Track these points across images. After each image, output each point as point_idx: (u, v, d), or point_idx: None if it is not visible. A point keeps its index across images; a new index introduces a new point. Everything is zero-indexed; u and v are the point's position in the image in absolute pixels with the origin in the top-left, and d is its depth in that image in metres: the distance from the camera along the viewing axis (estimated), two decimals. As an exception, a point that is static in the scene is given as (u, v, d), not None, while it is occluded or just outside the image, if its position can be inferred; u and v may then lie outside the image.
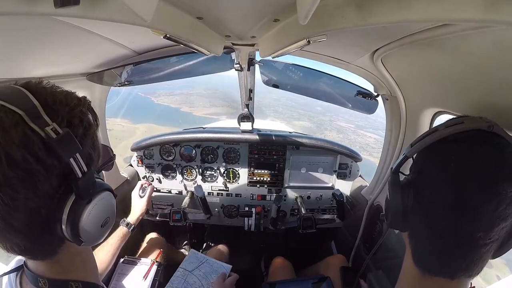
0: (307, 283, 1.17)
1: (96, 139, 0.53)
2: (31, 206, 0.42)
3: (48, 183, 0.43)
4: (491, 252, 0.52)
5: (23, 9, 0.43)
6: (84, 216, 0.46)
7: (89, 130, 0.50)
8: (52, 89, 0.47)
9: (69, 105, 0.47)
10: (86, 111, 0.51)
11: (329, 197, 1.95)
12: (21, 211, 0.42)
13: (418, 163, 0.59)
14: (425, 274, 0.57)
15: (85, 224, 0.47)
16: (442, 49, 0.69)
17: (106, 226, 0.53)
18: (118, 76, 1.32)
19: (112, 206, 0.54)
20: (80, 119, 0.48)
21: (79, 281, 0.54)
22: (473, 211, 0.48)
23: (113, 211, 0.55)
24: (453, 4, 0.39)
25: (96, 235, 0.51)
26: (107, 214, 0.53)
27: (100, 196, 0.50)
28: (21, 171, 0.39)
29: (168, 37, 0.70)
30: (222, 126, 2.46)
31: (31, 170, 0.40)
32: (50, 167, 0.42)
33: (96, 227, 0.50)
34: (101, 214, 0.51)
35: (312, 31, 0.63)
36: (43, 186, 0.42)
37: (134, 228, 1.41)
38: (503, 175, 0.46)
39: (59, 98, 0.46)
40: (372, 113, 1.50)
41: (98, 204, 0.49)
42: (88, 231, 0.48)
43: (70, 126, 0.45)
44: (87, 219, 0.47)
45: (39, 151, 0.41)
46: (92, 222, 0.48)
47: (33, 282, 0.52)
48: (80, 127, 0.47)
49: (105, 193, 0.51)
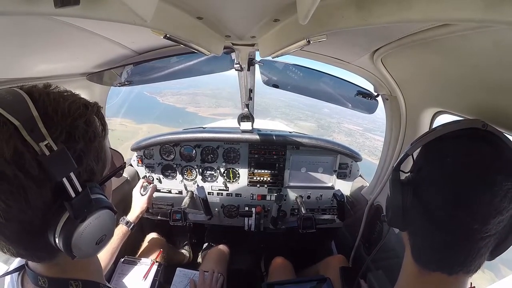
0: (308, 284, 1.17)
1: (101, 151, 0.51)
2: (24, 219, 0.41)
3: (41, 198, 0.41)
4: (488, 248, 0.53)
5: (23, 9, 0.43)
6: (77, 235, 0.44)
7: (92, 142, 0.48)
8: (56, 96, 0.45)
9: (72, 116, 0.44)
10: (93, 119, 0.49)
11: (329, 197, 1.95)
12: (14, 222, 0.41)
13: (418, 161, 0.61)
14: (423, 270, 0.58)
15: (78, 242, 0.45)
16: (442, 49, 0.69)
17: (101, 243, 0.51)
18: (118, 76, 1.32)
19: (110, 224, 0.51)
20: (83, 131, 0.46)
21: (79, 279, 0.53)
22: (469, 203, 0.50)
23: (110, 229, 0.52)
24: (453, 4, 0.39)
25: (90, 251, 0.49)
26: (102, 232, 0.49)
27: (96, 215, 0.47)
28: (11, 186, 0.38)
29: (168, 37, 0.70)
30: (222, 126, 2.46)
31: (22, 185, 0.39)
32: (42, 184, 0.41)
33: (90, 245, 0.48)
34: (97, 232, 0.48)
35: (312, 31, 0.63)
36: (35, 201, 0.41)
37: (134, 227, 1.41)
38: (497, 168, 0.49)
39: (61, 107, 0.44)
40: (372, 113, 1.50)
41: (93, 223, 0.46)
42: (81, 248, 0.46)
43: (69, 139, 0.43)
44: (80, 237, 0.45)
45: (30, 168, 0.39)
46: (86, 240, 0.46)
47: (33, 280, 0.52)
48: (81, 141, 0.45)
49: (101, 212, 0.48)
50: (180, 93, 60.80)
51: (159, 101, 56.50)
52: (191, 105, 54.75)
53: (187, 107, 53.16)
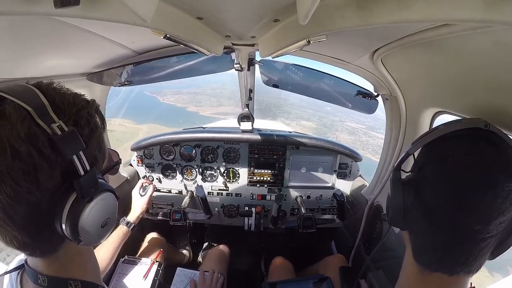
0: (308, 283, 1.17)
1: (102, 142, 0.54)
2: (32, 200, 0.43)
3: (50, 179, 0.43)
4: (489, 248, 0.53)
5: (23, 9, 0.43)
6: (84, 215, 0.46)
7: (95, 131, 0.51)
8: (61, 91, 0.49)
9: (77, 106, 0.48)
10: (94, 113, 0.52)
11: (329, 197, 1.95)
12: (22, 204, 0.42)
13: (419, 161, 0.60)
14: (424, 271, 0.57)
15: (85, 223, 0.47)
16: (442, 49, 0.69)
17: (106, 227, 0.53)
18: (118, 76, 1.32)
19: (114, 207, 0.54)
20: (87, 120, 0.49)
21: (78, 280, 0.53)
22: (471, 204, 0.49)
23: (114, 213, 0.55)
24: (453, 4, 0.39)
25: (96, 235, 0.51)
26: (107, 215, 0.52)
27: (101, 196, 0.50)
28: (24, 164, 0.40)
29: (168, 37, 0.70)
30: (222, 126, 2.46)
31: (34, 164, 0.41)
32: (53, 163, 0.43)
33: (96, 227, 0.50)
34: (102, 214, 0.50)
35: (312, 31, 0.63)
36: (45, 181, 0.43)
37: (134, 227, 1.41)
38: (499, 168, 0.48)
39: (67, 99, 0.48)
40: (372, 113, 1.50)
41: (99, 203, 0.49)
42: (87, 230, 0.47)
43: (76, 125, 0.46)
44: (87, 218, 0.47)
45: (43, 147, 0.41)
46: (92, 222, 0.48)
47: (32, 279, 0.52)
48: (86, 128, 0.48)
49: (107, 194, 0.51)
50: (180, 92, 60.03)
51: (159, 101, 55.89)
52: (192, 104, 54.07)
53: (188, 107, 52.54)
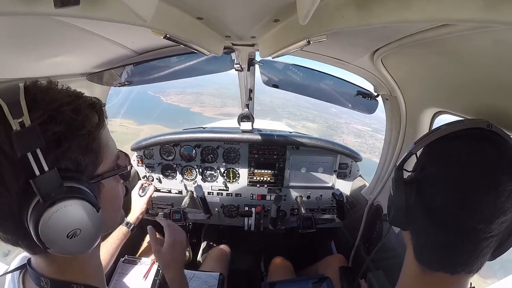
0: (307, 283, 1.17)
1: (92, 142, 0.48)
2: (2, 202, 0.41)
3: (15, 178, 0.41)
4: (491, 248, 0.53)
5: (23, 9, 0.43)
6: (43, 220, 0.41)
7: (79, 130, 0.46)
8: (51, 88, 0.46)
9: (59, 102, 0.44)
10: (84, 110, 0.48)
11: (329, 197, 1.95)
12: None
13: (421, 160, 0.61)
14: (425, 270, 0.57)
15: (45, 230, 0.42)
16: (442, 49, 0.69)
17: (75, 239, 0.45)
18: (118, 76, 1.32)
19: (87, 219, 0.45)
20: (69, 117, 0.44)
21: (81, 284, 0.53)
22: (473, 203, 0.49)
23: (86, 225, 0.45)
24: (453, 4, 0.39)
25: (63, 246, 0.44)
26: (75, 226, 0.44)
27: (66, 203, 0.43)
28: None
29: (168, 37, 0.70)
30: (222, 126, 2.46)
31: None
32: (14, 161, 0.40)
33: (60, 237, 0.43)
34: (67, 224, 0.43)
35: (312, 31, 0.63)
36: (10, 182, 0.41)
37: (134, 228, 1.41)
38: (501, 168, 0.49)
39: (50, 95, 0.45)
40: (372, 113, 1.50)
41: (61, 211, 0.42)
42: (50, 239, 0.42)
43: (50, 121, 0.43)
44: (46, 225, 0.41)
45: (3, 144, 0.40)
46: (54, 230, 0.42)
47: (35, 281, 0.52)
48: (62, 125, 0.43)
49: (74, 201, 0.43)
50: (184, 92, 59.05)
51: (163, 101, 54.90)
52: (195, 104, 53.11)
53: (192, 107, 51.58)
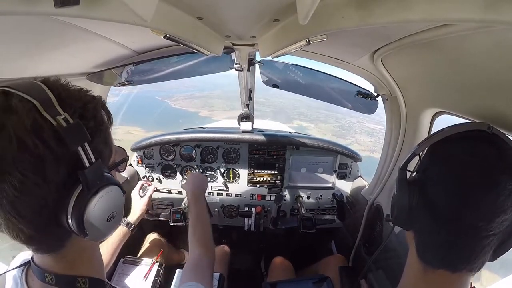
0: (308, 283, 1.17)
1: (108, 137, 0.54)
2: (38, 193, 0.42)
3: (56, 171, 0.43)
4: (491, 247, 0.54)
5: (23, 9, 0.43)
6: (90, 208, 0.46)
7: (101, 126, 0.51)
8: (67, 86, 0.50)
9: (83, 100, 0.49)
10: (100, 108, 0.53)
11: (329, 197, 1.95)
12: (28, 196, 0.42)
13: (424, 161, 0.62)
14: (428, 268, 0.59)
15: (91, 216, 0.46)
16: (442, 49, 0.69)
17: (112, 221, 0.52)
18: (118, 76, 1.32)
19: (120, 201, 0.53)
20: (93, 114, 0.49)
21: (86, 277, 0.53)
22: (474, 202, 0.51)
23: (120, 207, 0.54)
24: (453, 4, 0.39)
25: (102, 229, 0.50)
26: (114, 209, 0.51)
27: (107, 189, 0.49)
28: (30, 156, 0.40)
29: (168, 37, 0.70)
30: (222, 126, 2.46)
31: (41, 155, 0.41)
32: (59, 155, 0.43)
33: (102, 221, 0.49)
34: (108, 208, 0.50)
35: (312, 31, 0.63)
36: (51, 174, 0.43)
37: (134, 228, 1.41)
38: (501, 168, 0.51)
39: (73, 93, 0.49)
40: (372, 113, 1.50)
41: (104, 196, 0.48)
42: (93, 223, 0.47)
43: (81, 118, 0.46)
44: (93, 211, 0.47)
45: (48, 139, 0.41)
46: (98, 215, 0.48)
47: (39, 277, 0.51)
48: (92, 121, 0.49)
49: (113, 187, 0.50)
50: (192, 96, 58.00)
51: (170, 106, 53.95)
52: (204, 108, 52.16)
53: (200, 111, 50.64)
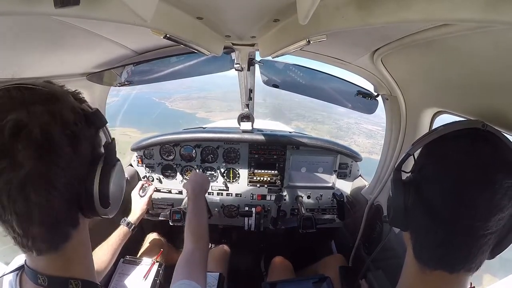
0: (308, 283, 1.17)
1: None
2: (72, 167, 0.48)
3: (85, 148, 0.52)
4: (489, 246, 0.54)
5: (23, 9, 0.43)
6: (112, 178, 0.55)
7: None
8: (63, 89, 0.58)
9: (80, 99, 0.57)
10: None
11: (329, 197, 1.95)
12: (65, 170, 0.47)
13: (419, 161, 0.62)
14: (425, 269, 0.58)
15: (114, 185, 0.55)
16: (442, 49, 0.69)
17: (121, 195, 0.62)
18: (118, 76, 1.32)
19: (124, 178, 0.64)
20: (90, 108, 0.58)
21: (78, 279, 0.53)
22: (470, 201, 0.51)
23: (124, 184, 0.64)
24: (453, 4, 0.39)
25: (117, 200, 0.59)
26: (123, 182, 0.63)
27: (120, 163, 0.59)
28: (70, 131, 0.47)
29: (168, 37, 0.70)
30: (222, 126, 2.46)
31: (76, 132, 0.48)
32: (87, 134, 0.52)
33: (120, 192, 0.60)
34: (122, 180, 0.61)
35: (312, 31, 0.63)
36: (82, 149, 0.50)
37: (134, 228, 1.41)
38: (496, 166, 0.50)
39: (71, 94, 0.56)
40: (372, 113, 1.50)
41: (119, 170, 0.58)
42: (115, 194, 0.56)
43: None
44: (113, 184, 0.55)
45: (81, 119, 0.50)
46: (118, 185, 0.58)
47: (32, 279, 0.52)
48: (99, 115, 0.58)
49: (120, 162, 0.60)
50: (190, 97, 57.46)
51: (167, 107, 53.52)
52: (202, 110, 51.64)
53: (198, 112, 50.30)
